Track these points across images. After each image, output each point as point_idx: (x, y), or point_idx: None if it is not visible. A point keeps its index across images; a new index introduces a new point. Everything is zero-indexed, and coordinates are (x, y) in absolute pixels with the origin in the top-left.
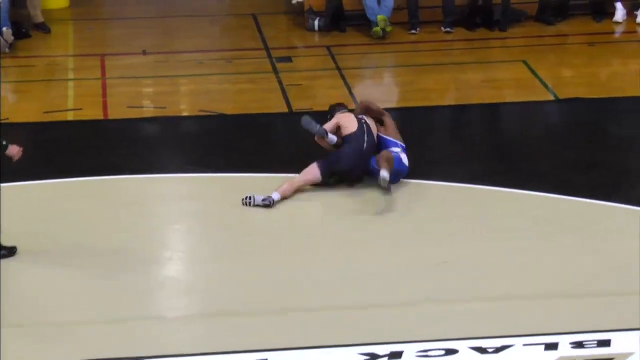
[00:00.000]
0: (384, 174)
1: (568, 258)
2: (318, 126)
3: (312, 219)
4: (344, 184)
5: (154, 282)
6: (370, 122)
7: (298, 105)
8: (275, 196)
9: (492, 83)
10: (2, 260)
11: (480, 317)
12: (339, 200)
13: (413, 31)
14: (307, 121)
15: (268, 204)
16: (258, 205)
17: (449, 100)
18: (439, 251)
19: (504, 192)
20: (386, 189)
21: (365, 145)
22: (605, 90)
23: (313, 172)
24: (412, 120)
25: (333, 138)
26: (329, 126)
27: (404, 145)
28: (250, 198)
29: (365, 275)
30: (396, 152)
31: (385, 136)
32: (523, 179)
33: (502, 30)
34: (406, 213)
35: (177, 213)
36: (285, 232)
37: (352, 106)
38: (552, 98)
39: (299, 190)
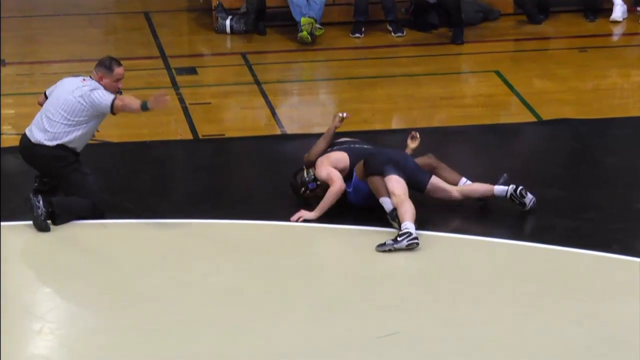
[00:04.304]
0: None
1: (552, 326)
2: None
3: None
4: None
5: None
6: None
7: (205, 130)
8: (412, 228)
9: (455, 100)
10: None
11: None
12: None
13: (357, 34)
14: None
15: (413, 246)
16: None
17: (399, 122)
18: (388, 318)
19: (471, 241)
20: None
21: None
22: (600, 110)
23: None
24: None
25: None
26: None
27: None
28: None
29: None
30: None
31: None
32: (494, 224)
33: (457, 43)
34: (344, 265)
35: (49, 270)
36: (181, 299)
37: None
38: (532, 119)
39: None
